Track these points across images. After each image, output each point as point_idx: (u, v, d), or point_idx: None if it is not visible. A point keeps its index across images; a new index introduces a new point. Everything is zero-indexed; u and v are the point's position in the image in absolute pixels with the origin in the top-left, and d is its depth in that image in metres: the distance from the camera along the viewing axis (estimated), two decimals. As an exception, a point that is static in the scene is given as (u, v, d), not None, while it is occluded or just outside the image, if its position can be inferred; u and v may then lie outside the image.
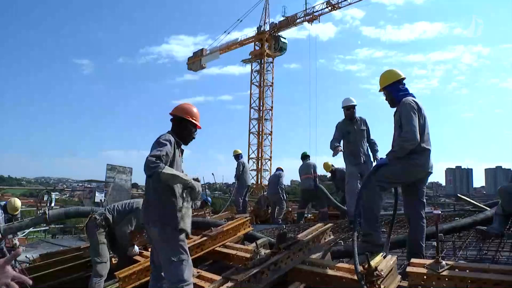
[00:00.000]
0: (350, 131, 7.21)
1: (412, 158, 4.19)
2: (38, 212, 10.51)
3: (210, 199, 13.70)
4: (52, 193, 13.58)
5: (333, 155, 6.85)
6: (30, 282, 1.72)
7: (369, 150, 7.30)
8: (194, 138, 4.07)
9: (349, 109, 7.31)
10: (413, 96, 4.44)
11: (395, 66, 4.59)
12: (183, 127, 3.94)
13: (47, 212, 6.25)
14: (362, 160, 7.06)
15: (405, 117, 4.22)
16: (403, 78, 4.54)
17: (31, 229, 12.83)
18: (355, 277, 3.09)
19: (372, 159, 7.15)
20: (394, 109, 4.53)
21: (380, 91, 4.64)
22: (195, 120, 3.97)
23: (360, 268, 3.10)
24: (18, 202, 8.51)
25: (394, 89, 4.50)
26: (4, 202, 8.55)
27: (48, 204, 11.08)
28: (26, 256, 8.06)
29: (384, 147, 6.96)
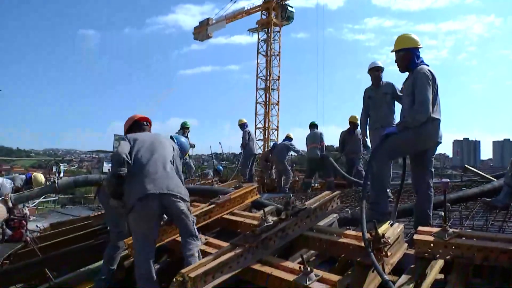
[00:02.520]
0: (371, 96, 7.11)
1: (421, 128, 4.16)
2: (47, 183, 10.63)
3: (221, 167, 13.75)
4: (60, 164, 13.69)
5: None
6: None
7: (394, 116, 6.99)
8: None
9: (375, 71, 7.15)
10: (428, 66, 4.38)
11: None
12: None
13: (56, 182, 6.26)
14: (380, 125, 6.80)
15: (419, 87, 4.17)
16: (420, 47, 4.47)
17: (41, 199, 13.00)
18: (362, 244, 3.11)
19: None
20: (403, 75, 4.48)
21: (393, 51, 4.54)
22: None
23: (367, 235, 3.13)
24: (43, 178, 8.58)
25: (411, 55, 4.42)
26: (27, 175, 8.64)
27: (57, 174, 11.18)
28: (36, 226, 8.19)
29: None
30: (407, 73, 4.50)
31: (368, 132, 7.27)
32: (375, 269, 2.86)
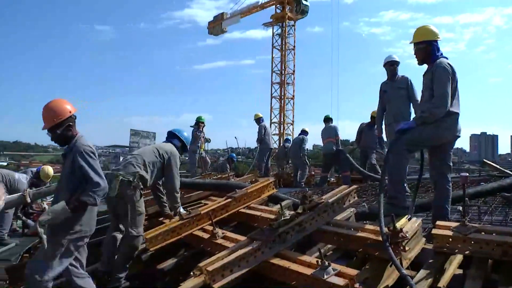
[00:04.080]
0: (386, 90, 7.04)
1: (440, 121, 4.12)
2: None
3: (234, 154, 13.75)
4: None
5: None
6: None
7: (409, 110, 6.90)
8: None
9: (391, 65, 7.08)
10: (447, 59, 4.32)
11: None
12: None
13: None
14: (394, 120, 6.67)
15: (439, 81, 4.12)
16: (440, 40, 4.41)
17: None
18: (380, 238, 3.10)
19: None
20: (421, 68, 4.44)
21: (412, 42, 4.48)
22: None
23: (385, 229, 3.11)
24: (51, 171, 8.70)
25: (432, 47, 4.36)
26: (37, 168, 8.76)
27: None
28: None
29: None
30: (425, 67, 4.45)
31: (383, 127, 7.22)
32: (393, 264, 2.85)
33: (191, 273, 3.33)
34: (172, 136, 5.35)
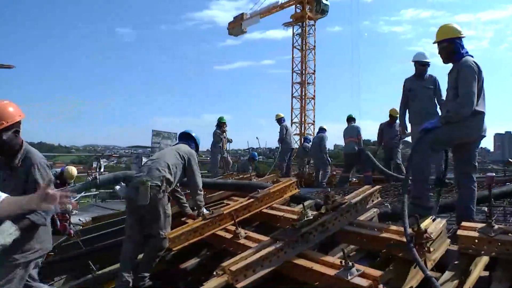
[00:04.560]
0: (412, 89, 6.91)
1: (465, 121, 4.06)
2: (87, 178, 10.94)
3: (255, 153, 13.75)
4: (100, 159, 14.04)
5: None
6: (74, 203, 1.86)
7: (436, 110, 6.76)
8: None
9: (421, 65, 6.92)
10: (472, 57, 4.26)
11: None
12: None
13: (97, 177, 6.48)
14: (421, 120, 6.27)
15: (464, 80, 4.06)
16: (463, 37, 4.36)
17: (82, 194, 13.36)
18: (404, 239, 3.07)
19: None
20: (446, 67, 4.38)
21: (435, 42, 4.44)
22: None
23: (409, 230, 3.09)
24: (74, 171, 8.85)
25: (456, 45, 4.30)
26: (61, 169, 8.92)
27: (97, 170, 11.50)
28: (79, 219, 8.44)
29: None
30: (450, 65, 4.40)
31: (408, 125, 7.13)
32: (418, 265, 2.83)
33: (214, 273, 3.34)
34: (186, 137, 5.39)
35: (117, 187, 4.25)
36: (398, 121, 10.32)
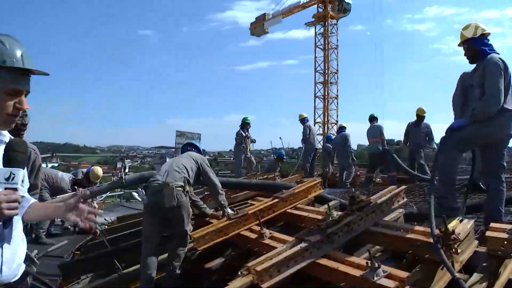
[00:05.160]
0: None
1: (492, 119, 3.99)
2: (112, 178, 11.09)
3: (283, 152, 13.74)
4: (125, 160, 14.21)
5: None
6: (100, 212, 1.86)
7: None
8: None
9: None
10: (498, 54, 4.19)
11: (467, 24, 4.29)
12: None
13: (123, 177, 6.59)
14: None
15: (490, 77, 4.00)
16: (489, 34, 4.29)
17: (107, 194, 13.55)
18: (431, 240, 3.04)
19: None
20: (473, 66, 4.32)
21: (460, 45, 4.38)
22: None
23: (436, 231, 3.05)
24: (100, 171, 8.98)
25: (479, 43, 4.23)
26: (87, 169, 9.06)
27: (122, 170, 11.65)
28: (104, 219, 8.57)
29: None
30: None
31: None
32: (445, 267, 2.79)
33: (239, 272, 3.36)
34: (190, 146, 5.54)
35: (135, 194, 4.30)
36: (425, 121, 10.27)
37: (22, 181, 1.60)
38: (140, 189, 4.31)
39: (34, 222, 2.82)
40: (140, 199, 4.32)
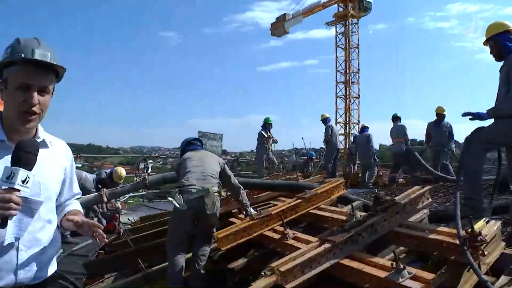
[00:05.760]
0: None
1: None
2: (135, 179, 11.22)
3: (313, 153, 13.73)
4: (147, 160, 14.34)
5: None
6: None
7: None
8: None
9: None
10: None
11: (492, 21, 4.24)
12: None
13: (147, 178, 6.67)
14: None
15: None
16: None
17: (130, 194, 13.71)
18: (457, 241, 3.00)
19: None
20: (499, 64, 4.26)
21: (485, 43, 4.33)
22: None
23: (462, 232, 3.01)
24: (123, 172, 9.10)
25: (504, 39, 4.18)
26: (111, 170, 9.18)
27: (145, 171, 11.77)
28: (128, 219, 8.68)
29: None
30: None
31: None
32: (472, 268, 2.76)
33: (262, 273, 3.37)
34: (197, 142, 5.43)
35: (173, 201, 4.26)
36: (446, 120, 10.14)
37: (25, 182, 1.57)
38: (177, 195, 4.21)
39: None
40: (178, 205, 4.23)
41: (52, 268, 1.93)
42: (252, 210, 5.04)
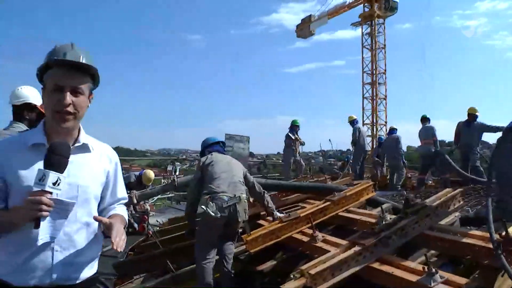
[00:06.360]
0: None
1: None
2: (162, 181, 11.33)
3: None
4: (175, 162, 14.47)
5: None
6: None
7: None
8: None
9: None
10: None
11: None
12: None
13: (176, 180, 6.75)
14: None
15: None
16: None
17: (158, 196, 13.85)
18: (490, 245, 2.95)
19: None
20: None
21: None
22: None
23: (496, 236, 2.96)
24: (152, 175, 9.21)
25: None
26: (140, 172, 9.30)
27: (173, 173, 11.88)
28: (156, 220, 8.78)
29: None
30: None
31: None
32: (507, 273, 2.71)
33: (291, 275, 3.36)
34: (220, 145, 5.34)
35: (207, 209, 4.27)
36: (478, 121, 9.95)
37: (56, 183, 1.62)
38: (210, 203, 4.18)
39: None
40: (212, 213, 4.22)
41: (90, 271, 1.96)
42: (278, 214, 5.03)
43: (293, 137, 12.23)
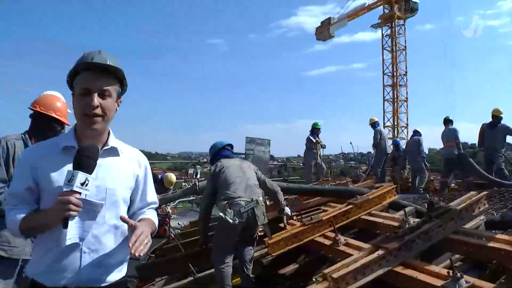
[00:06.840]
0: None
1: None
2: (183, 184, 11.42)
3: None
4: (196, 166, 14.54)
5: None
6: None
7: None
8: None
9: None
10: None
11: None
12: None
13: (197, 184, 6.80)
14: None
15: None
16: None
17: (179, 199, 13.95)
18: (516, 250, 2.92)
19: None
20: None
21: None
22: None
23: (522, 240, 2.92)
24: (174, 178, 9.29)
25: None
26: (161, 175, 9.39)
27: (195, 176, 11.96)
28: (178, 223, 8.83)
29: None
30: None
31: None
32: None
33: (313, 279, 3.35)
34: (229, 148, 5.31)
35: (225, 216, 4.28)
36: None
37: (84, 184, 1.66)
38: (228, 209, 4.17)
39: None
40: (231, 220, 4.23)
41: (119, 274, 1.98)
42: (289, 211, 5.12)
43: (314, 140, 12.21)
